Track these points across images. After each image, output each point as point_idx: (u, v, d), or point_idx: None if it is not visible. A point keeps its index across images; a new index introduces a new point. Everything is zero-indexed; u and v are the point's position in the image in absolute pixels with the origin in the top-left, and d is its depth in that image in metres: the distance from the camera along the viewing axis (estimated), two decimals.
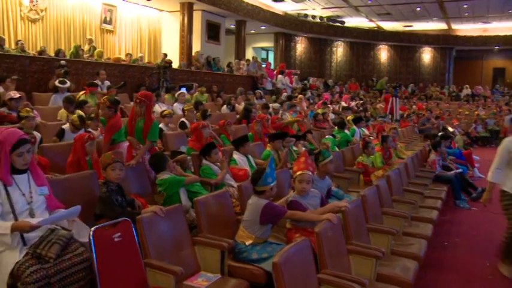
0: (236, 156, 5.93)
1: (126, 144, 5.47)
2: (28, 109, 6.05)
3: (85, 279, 2.95)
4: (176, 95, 10.37)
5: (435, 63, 26.35)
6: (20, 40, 11.79)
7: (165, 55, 15.40)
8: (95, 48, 13.30)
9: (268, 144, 6.62)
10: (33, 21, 13.76)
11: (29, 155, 3.09)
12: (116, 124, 5.57)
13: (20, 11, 13.34)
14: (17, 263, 2.79)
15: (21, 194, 3.01)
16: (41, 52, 11.66)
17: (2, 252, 2.86)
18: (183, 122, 7.82)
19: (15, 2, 13.15)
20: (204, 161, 5.45)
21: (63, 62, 9.59)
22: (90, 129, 6.02)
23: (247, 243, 3.58)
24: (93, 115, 6.37)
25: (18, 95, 6.80)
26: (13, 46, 11.79)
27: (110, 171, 3.87)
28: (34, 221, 2.93)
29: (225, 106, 11.13)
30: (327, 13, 22.89)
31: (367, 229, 4.10)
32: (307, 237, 3.34)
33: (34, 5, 13.66)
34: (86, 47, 13.65)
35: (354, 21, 24.37)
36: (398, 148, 8.46)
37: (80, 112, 6.67)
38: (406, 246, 4.20)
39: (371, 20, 24.04)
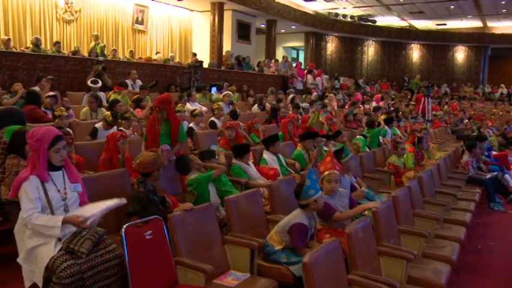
0: (266, 155, 5.93)
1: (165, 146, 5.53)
2: (62, 108, 6.19)
3: (117, 276, 3.01)
4: (222, 95, 10.38)
5: (469, 62, 25.72)
6: (58, 42, 12.10)
7: (194, 55, 15.53)
8: (102, 47, 13.11)
9: (299, 144, 6.61)
10: (68, 22, 14.10)
11: (65, 151, 3.18)
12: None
13: (56, 12, 13.71)
14: (52, 257, 2.86)
15: (56, 190, 3.09)
16: (75, 52, 11.93)
17: (38, 247, 2.94)
18: (213, 121, 7.88)
19: (51, 4, 13.53)
20: (234, 160, 5.46)
21: (101, 58, 9.77)
22: (122, 128, 6.11)
23: (276, 247, 3.57)
24: (127, 115, 6.45)
25: (53, 94, 6.96)
26: (49, 47, 12.10)
27: (161, 171, 3.99)
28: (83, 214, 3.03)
29: (256, 105, 11.11)
30: (358, 12, 22.67)
31: (398, 231, 4.05)
32: (338, 237, 3.32)
33: (69, 7, 14.00)
34: (92, 44, 13.54)
35: (385, 20, 24.06)
36: (430, 149, 8.31)
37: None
38: (438, 249, 4.13)
39: (403, 19, 23.67)
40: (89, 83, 8.48)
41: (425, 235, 4.00)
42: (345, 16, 23.06)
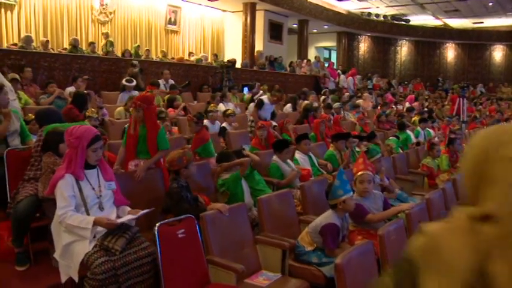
0: (298, 155, 5.90)
1: (213, 159, 5.47)
2: (93, 109, 6.30)
3: (149, 273, 3.05)
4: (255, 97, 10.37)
5: (507, 61, 24.94)
6: (92, 42, 12.37)
7: (216, 56, 15.76)
8: (111, 43, 12.97)
9: (331, 145, 6.56)
10: (103, 23, 14.39)
11: (101, 151, 3.26)
12: (204, 137, 5.66)
13: (91, 14, 14.03)
14: (87, 253, 2.93)
15: (91, 188, 3.17)
16: (109, 53, 12.16)
17: (74, 242, 3.01)
18: (223, 127, 7.83)
19: (87, 6, 13.86)
20: (274, 158, 5.44)
21: (135, 62, 9.92)
22: None
23: (307, 248, 3.56)
24: (162, 114, 6.52)
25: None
26: (84, 47, 12.38)
27: (191, 168, 3.96)
28: (112, 218, 3.11)
29: (288, 105, 11.04)
30: (391, 11, 22.35)
31: None
32: (370, 239, 3.29)
33: (104, 8, 14.29)
34: (103, 42, 13.31)
35: (419, 20, 23.62)
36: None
37: None
38: None
39: (437, 18, 23.20)
40: (123, 81, 8.62)
41: None
42: (377, 15, 22.78)
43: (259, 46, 16.82)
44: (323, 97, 12.91)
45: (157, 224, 3.02)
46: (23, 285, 3.43)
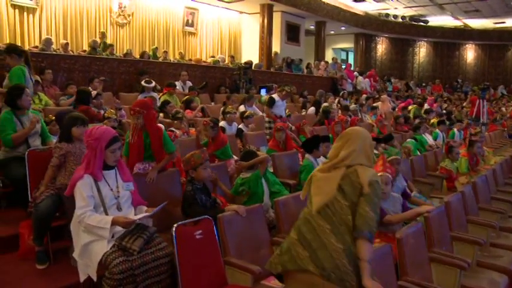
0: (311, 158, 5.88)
1: (233, 160, 5.51)
2: (112, 110, 6.36)
3: (167, 273, 3.08)
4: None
5: None
6: (111, 44, 12.50)
7: (232, 57, 15.78)
8: (108, 45, 12.28)
9: None
10: (121, 25, 14.54)
11: (119, 152, 3.29)
12: (223, 140, 5.66)
13: (110, 16, 14.18)
14: (105, 253, 2.97)
15: (109, 188, 3.21)
16: (127, 54, 12.27)
17: (92, 242, 3.05)
18: (240, 129, 7.82)
19: (106, 8, 14.02)
20: (307, 156, 5.41)
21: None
22: (173, 129, 6.22)
23: None
24: (180, 115, 6.54)
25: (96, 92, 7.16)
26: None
27: (201, 171, 3.88)
28: (131, 217, 3.14)
29: (312, 108, 10.96)
30: (409, 12, 22.14)
31: (451, 237, 3.92)
32: (388, 242, 3.26)
33: (122, 11, 14.43)
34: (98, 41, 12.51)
35: (438, 20, 23.34)
36: (485, 154, 7.99)
37: None
38: (494, 258, 3.98)
39: (457, 18, 22.89)
40: (143, 83, 8.68)
41: (480, 243, 3.85)
42: (395, 16, 22.60)
43: (276, 48, 16.82)
44: (339, 99, 12.86)
45: (175, 225, 3.05)
46: (43, 283, 3.48)
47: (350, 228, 2.39)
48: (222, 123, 6.95)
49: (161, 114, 6.75)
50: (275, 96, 8.22)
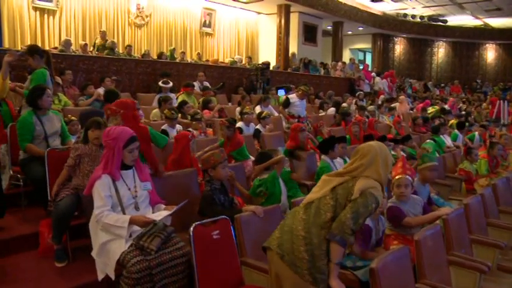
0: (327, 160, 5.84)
1: (250, 161, 5.50)
2: None
3: (184, 273, 3.08)
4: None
5: None
6: (129, 45, 12.62)
7: (250, 58, 15.79)
8: (104, 46, 11.88)
9: None
10: (139, 26, 14.68)
11: (137, 152, 3.31)
12: (239, 141, 5.67)
13: (128, 17, 14.36)
14: (123, 252, 2.98)
15: (127, 188, 3.23)
16: (145, 55, 12.37)
17: (110, 241, 3.07)
18: (257, 129, 7.79)
19: (124, 9, 14.20)
20: (324, 157, 5.39)
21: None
22: (190, 129, 6.23)
23: None
24: (198, 116, 6.56)
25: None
26: (121, 50, 12.65)
27: (220, 170, 3.89)
28: (150, 216, 3.15)
29: (332, 109, 10.91)
30: (428, 12, 21.93)
31: (470, 240, 3.86)
32: (406, 244, 3.23)
33: (140, 12, 14.57)
34: (98, 40, 12.32)
35: (457, 20, 23.06)
36: (508, 156, 7.83)
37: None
38: None
39: (477, 18, 22.56)
40: (160, 83, 8.73)
41: (501, 246, 3.78)
42: (413, 16, 22.41)
43: (293, 48, 16.80)
44: (356, 100, 12.79)
45: (192, 225, 3.06)
46: (61, 280, 3.52)
47: (322, 223, 2.53)
48: (239, 124, 6.96)
49: (179, 115, 6.75)
50: (291, 96, 8.20)
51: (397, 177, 3.87)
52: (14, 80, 6.50)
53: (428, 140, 8.22)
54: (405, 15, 22.14)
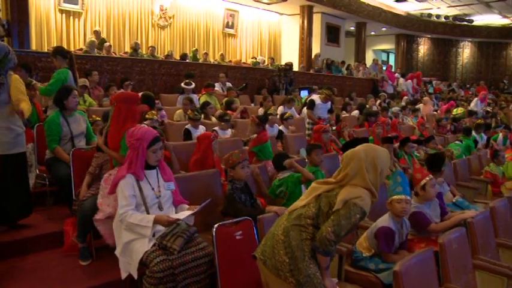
0: None
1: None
2: (153, 112, 6.44)
3: (206, 273, 3.09)
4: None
5: None
6: (152, 46, 12.75)
7: (272, 59, 15.79)
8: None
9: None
10: (162, 27, 14.81)
11: (161, 152, 3.34)
12: (262, 138, 5.67)
13: (152, 19, 14.50)
14: (146, 252, 3.01)
15: (150, 188, 3.25)
16: (168, 56, 12.47)
17: (134, 241, 3.10)
18: (280, 130, 7.77)
19: (148, 11, 14.34)
20: None
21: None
22: (215, 128, 6.24)
23: (365, 254, 3.48)
24: (227, 117, 6.58)
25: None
26: (144, 51, 12.78)
27: (239, 170, 3.91)
28: (173, 216, 3.17)
29: (356, 111, 10.82)
30: (453, 12, 21.58)
31: (497, 244, 3.79)
32: (432, 246, 3.19)
33: (163, 13, 14.70)
34: (91, 37, 11.56)
35: (483, 19, 22.63)
36: None
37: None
38: None
39: (505, 17, 22.06)
40: (182, 84, 8.79)
41: None
42: (438, 16, 22.10)
43: (316, 49, 16.74)
44: (379, 101, 12.67)
45: (215, 226, 3.07)
46: (85, 278, 3.56)
47: (300, 227, 2.51)
48: None
49: (202, 115, 6.77)
50: (315, 98, 8.17)
51: (428, 177, 3.82)
52: (41, 81, 6.64)
53: (456, 141, 8.08)
54: (429, 15, 21.85)
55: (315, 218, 2.51)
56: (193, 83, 8.86)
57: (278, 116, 7.72)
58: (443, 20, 22.44)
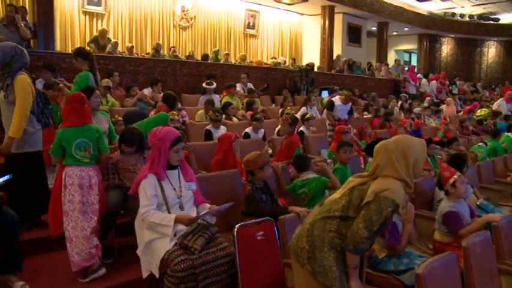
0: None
1: None
2: (174, 112, 6.49)
3: (227, 273, 3.10)
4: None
5: None
6: (173, 46, 12.84)
7: (293, 60, 15.77)
8: (96, 39, 10.97)
9: None
10: (184, 28, 14.91)
11: (183, 152, 3.36)
12: (295, 141, 5.66)
13: (173, 20, 14.61)
14: (167, 251, 3.02)
15: (172, 188, 3.27)
16: (189, 57, 12.53)
17: (155, 240, 3.12)
18: (301, 130, 7.74)
19: (169, 12, 14.47)
20: (370, 160, 5.35)
21: None
22: (248, 130, 6.27)
23: (380, 256, 3.45)
24: (259, 116, 6.57)
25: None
26: (166, 52, 12.89)
27: (267, 170, 3.97)
28: (193, 215, 3.19)
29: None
30: (477, 10, 21.19)
31: None
32: (456, 249, 3.14)
33: (185, 14, 14.80)
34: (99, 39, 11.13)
35: (510, 18, 22.12)
36: None
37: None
38: None
39: None
40: (204, 84, 8.82)
41: None
42: (462, 16, 21.75)
43: (337, 49, 16.65)
44: (402, 102, 12.53)
45: (236, 226, 3.07)
46: (107, 277, 3.60)
47: (327, 219, 2.50)
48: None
49: (223, 116, 6.79)
50: (336, 99, 8.13)
51: (457, 174, 3.81)
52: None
53: (480, 143, 7.94)
54: (453, 14, 21.52)
55: (344, 210, 2.48)
56: (214, 83, 8.88)
57: (299, 117, 7.70)
58: (467, 19, 22.05)
